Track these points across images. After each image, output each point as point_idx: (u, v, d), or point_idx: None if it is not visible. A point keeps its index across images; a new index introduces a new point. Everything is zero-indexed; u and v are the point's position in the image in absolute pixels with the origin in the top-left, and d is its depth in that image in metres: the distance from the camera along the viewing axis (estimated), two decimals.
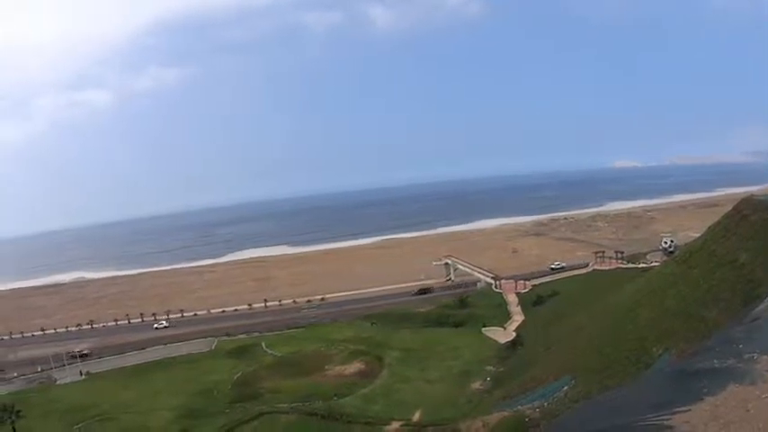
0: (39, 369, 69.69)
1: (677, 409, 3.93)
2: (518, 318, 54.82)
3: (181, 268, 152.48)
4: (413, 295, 77.03)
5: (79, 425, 49.94)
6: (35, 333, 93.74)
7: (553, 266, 76.39)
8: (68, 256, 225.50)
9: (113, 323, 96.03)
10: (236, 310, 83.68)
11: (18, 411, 47.25)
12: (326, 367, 50.61)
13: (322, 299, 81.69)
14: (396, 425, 32.81)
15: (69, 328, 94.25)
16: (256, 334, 66.56)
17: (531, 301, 57.53)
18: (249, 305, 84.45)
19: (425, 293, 77.14)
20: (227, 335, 68.05)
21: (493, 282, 69.09)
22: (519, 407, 25.31)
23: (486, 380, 40.19)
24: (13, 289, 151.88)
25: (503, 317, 56.77)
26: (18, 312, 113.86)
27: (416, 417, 34.35)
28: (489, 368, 42.37)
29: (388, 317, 64.02)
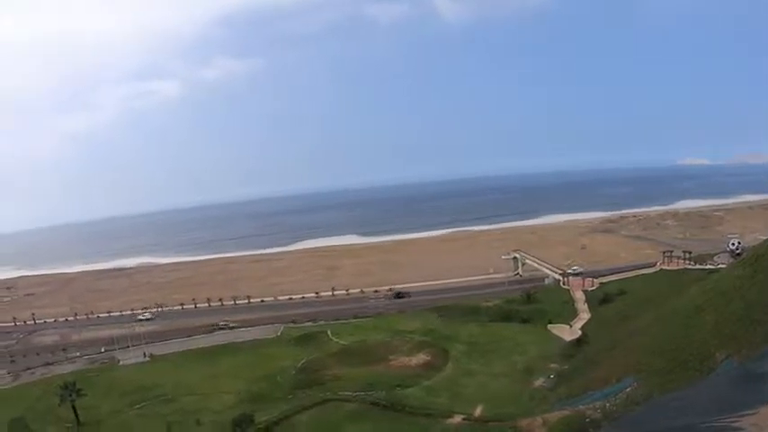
0: (102, 350, 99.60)
1: (743, 412, 5.49)
2: (584, 315, 76.93)
3: (249, 255, 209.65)
4: (388, 299, 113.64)
5: (140, 405, 70.06)
6: (100, 315, 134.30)
7: (570, 271, 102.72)
8: (135, 242, 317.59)
9: (179, 307, 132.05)
10: (303, 297, 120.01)
11: (79, 390, 68.15)
12: (391, 357, 70.34)
13: (389, 289, 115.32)
14: (457, 418, 46.16)
15: (135, 311, 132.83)
16: (322, 322, 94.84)
17: (598, 300, 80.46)
18: (316, 293, 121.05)
19: (401, 298, 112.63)
20: (294, 322, 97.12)
21: (561, 278, 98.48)
22: (580, 406, 36.96)
23: (549, 377, 56.38)
24: (80, 272, 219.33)
25: (569, 314, 78.62)
26: (84, 295, 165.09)
27: (478, 411, 48.27)
28: (553, 366, 59.42)
29: (456, 309, 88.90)
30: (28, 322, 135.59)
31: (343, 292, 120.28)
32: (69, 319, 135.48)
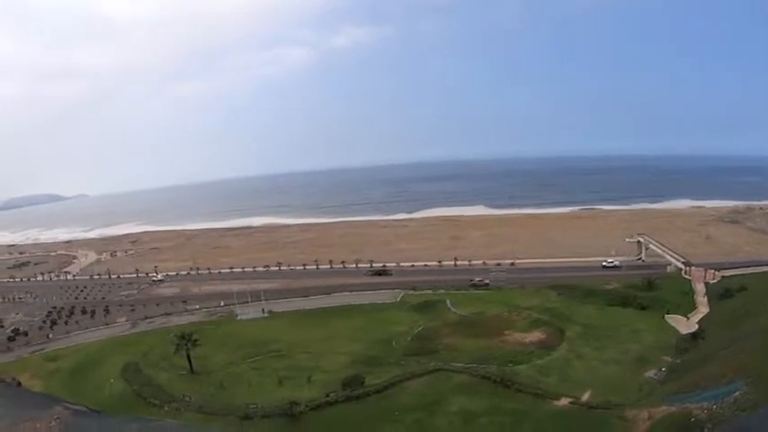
0: (221, 303, 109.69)
1: None
2: (703, 309, 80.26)
3: (375, 220, 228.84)
4: (366, 275, 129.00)
5: (253, 358, 76.11)
6: (222, 270, 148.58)
7: (606, 263, 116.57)
8: (261, 203, 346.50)
9: (301, 267, 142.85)
10: (425, 265, 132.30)
11: (195, 340, 75.23)
12: (506, 332, 75.95)
13: (512, 263, 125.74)
14: (565, 401, 49.81)
15: (256, 268, 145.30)
16: (442, 291, 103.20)
17: (719, 294, 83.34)
18: (439, 262, 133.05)
19: (381, 275, 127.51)
20: (414, 289, 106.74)
21: (683, 267, 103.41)
22: (687, 404, 39.13)
23: (660, 370, 59.51)
24: (204, 229, 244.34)
25: (688, 306, 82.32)
26: (208, 251, 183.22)
27: (586, 396, 51.76)
28: (666, 358, 62.75)
29: (575, 289, 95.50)
30: (150, 274, 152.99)
31: (466, 262, 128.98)
32: (191, 273, 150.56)
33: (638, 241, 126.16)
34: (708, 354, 56.95)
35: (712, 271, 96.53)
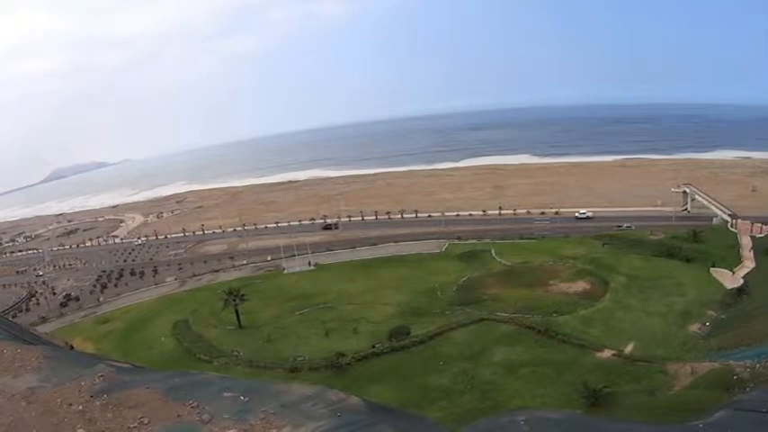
0: (268, 258, 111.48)
1: None
2: (748, 264, 79.99)
3: (419, 170, 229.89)
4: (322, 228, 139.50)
5: (301, 311, 77.48)
6: (268, 225, 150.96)
7: (578, 215, 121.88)
8: (305, 157, 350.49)
9: (346, 219, 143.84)
10: (470, 214, 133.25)
11: (243, 295, 76.76)
12: (551, 282, 76.43)
13: (556, 212, 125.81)
14: (607, 353, 51.51)
15: (302, 222, 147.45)
16: (487, 240, 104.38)
17: (765, 248, 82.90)
18: (484, 211, 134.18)
19: (329, 229, 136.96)
20: (459, 238, 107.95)
21: (729, 219, 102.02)
22: (731, 361, 40.67)
23: (705, 324, 59.55)
24: (249, 185, 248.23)
25: (733, 259, 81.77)
26: (253, 206, 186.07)
27: (629, 349, 52.85)
28: (710, 313, 62.32)
29: (620, 239, 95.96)
30: (197, 232, 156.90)
31: (511, 211, 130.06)
32: (238, 229, 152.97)
33: (684, 192, 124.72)
34: (752, 310, 57.06)
35: (759, 224, 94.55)
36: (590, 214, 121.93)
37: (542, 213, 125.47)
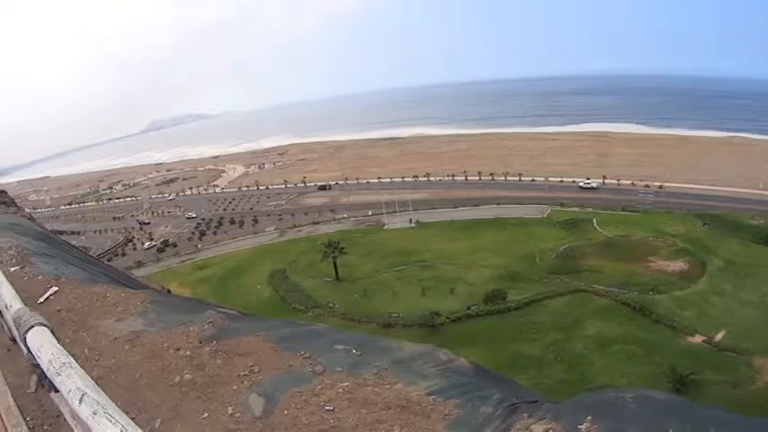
0: (369, 213, 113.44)
1: None
2: None
3: (524, 133, 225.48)
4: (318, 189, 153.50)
5: (398, 267, 78.46)
6: (370, 180, 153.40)
7: (582, 185, 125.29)
8: (410, 114, 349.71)
9: (449, 178, 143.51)
10: (573, 181, 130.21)
11: (342, 248, 78.76)
12: (650, 258, 75.76)
13: (660, 186, 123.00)
14: (698, 338, 52.32)
15: (405, 179, 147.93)
16: (590, 209, 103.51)
17: None
18: (587, 179, 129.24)
19: (324, 189, 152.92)
20: (561, 205, 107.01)
21: None
22: None
23: None
24: (352, 140, 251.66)
25: None
26: (355, 161, 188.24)
27: (719, 336, 52.49)
28: None
29: (721, 221, 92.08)
30: (298, 184, 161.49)
31: (614, 181, 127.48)
32: (340, 183, 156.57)
33: None
34: None
35: None
36: (595, 185, 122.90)
37: (646, 186, 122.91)
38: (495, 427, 4.14)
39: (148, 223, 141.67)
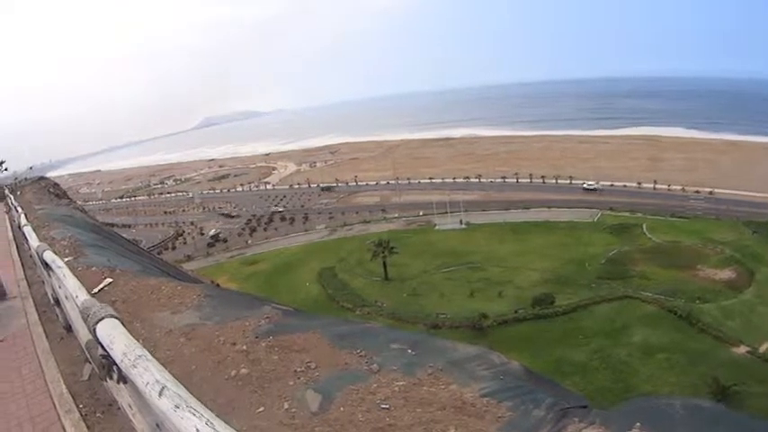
0: (420, 213, 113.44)
1: None
2: None
3: (575, 135, 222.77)
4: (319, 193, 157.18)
5: (448, 268, 78.53)
6: (421, 180, 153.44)
7: (586, 186, 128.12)
8: (461, 115, 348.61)
9: (500, 180, 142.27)
10: (624, 186, 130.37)
11: (392, 248, 79.34)
12: (698, 266, 74.95)
13: (710, 192, 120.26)
14: (743, 349, 51.53)
15: (456, 179, 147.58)
16: (639, 214, 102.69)
17: None
18: (638, 183, 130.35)
19: (328, 191, 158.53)
20: (611, 209, 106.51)
21: None
22: None
23: None
24: (404, 140, 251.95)
25: None
26: (407, 161, 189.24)
27: (764, 347, 52.23)
28: None
29: None
30: (350, 183, 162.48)
31: (665, 186, 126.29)
32: (391, 182, 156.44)
33: None
34: None
35: None
36: (596, 186, 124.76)
37: (697, 192, 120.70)
38: (546, 431, 4.18)
39: (231, 214, 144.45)
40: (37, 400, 5.68)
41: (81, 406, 5.19)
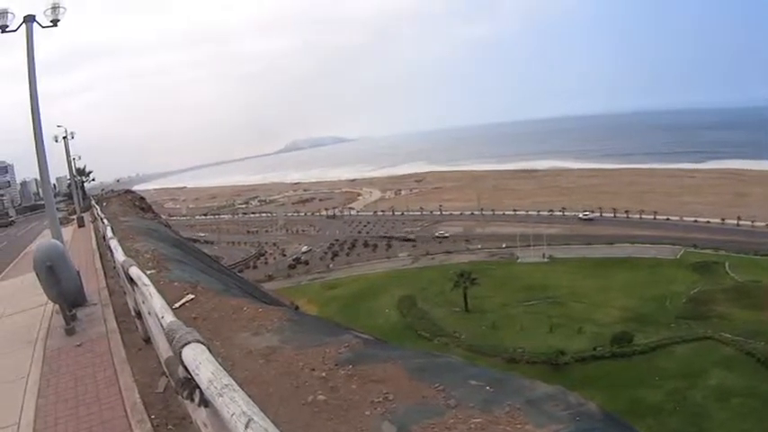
0: (503, 245, 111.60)
1: None
2: None
3: (660, 169, 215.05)
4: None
5: (529, 302, 77.19)
6: (506, 212, 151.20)
7: (582, 216, 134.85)
8: (545, 146, 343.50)
9: (584, 214, 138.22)
10: (708, 222, 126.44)
11: (474, 279, 79.21)
12: None
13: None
14: None
15: (540, 212, 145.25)
16: (722, 252, 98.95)
17: None
18: (722, 219, 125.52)
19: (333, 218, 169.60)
20: (695, 246, 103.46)
21: None
22: None
23: None
24: (488, 170, 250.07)
25: None
26: (492, 192, 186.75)
27: None
28: None
29: None
30: (434, 212, 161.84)
31: (749, 222, 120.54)
32: (475, 213, 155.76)
33: None
34: None
35: None
36: (593, 216, 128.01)
37: None
38: None
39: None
40: (110, 406, 5.81)
41: (153, 417, 5.29)
